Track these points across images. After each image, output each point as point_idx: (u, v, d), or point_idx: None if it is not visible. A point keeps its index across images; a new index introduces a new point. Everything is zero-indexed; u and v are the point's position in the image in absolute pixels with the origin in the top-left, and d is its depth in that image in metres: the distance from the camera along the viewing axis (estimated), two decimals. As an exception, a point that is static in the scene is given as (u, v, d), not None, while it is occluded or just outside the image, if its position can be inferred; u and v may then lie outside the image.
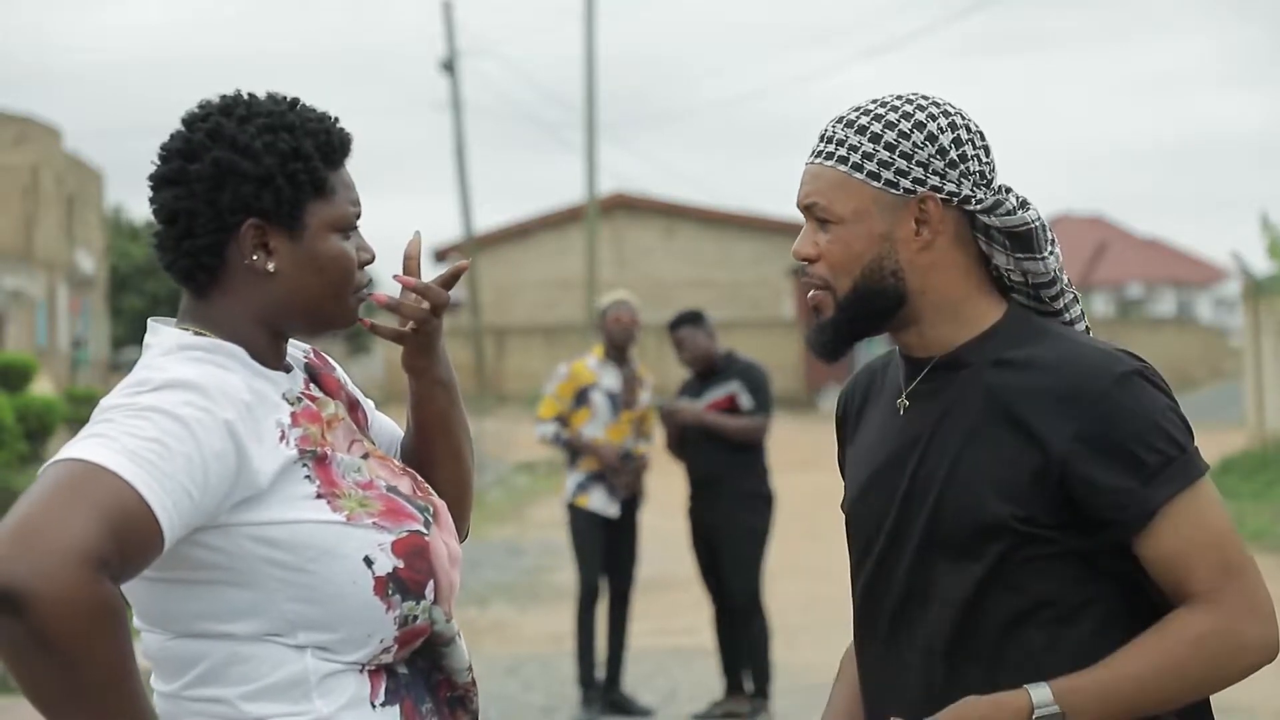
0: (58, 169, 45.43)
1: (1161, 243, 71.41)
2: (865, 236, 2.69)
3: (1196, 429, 2.74)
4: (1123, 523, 2.58)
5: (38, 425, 21.48)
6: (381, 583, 2.42)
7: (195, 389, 2.35)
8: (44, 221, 44.06)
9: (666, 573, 14.42)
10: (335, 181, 2.53)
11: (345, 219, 2.53)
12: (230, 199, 2.47)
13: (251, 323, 2.51)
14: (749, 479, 9.62)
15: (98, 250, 49.39)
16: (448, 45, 38.82)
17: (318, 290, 2.52)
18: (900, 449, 2.73)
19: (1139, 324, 50.44)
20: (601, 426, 9.86)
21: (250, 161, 2.47)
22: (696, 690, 10.34)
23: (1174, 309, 66.33)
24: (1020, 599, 2.63)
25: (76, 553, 2.15)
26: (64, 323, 45.28)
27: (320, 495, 2.43)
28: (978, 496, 2.62)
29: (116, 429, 2.28)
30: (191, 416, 2.32)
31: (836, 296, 2.71)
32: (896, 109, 2.72)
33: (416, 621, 2.46)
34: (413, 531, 2.47)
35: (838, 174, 2.70)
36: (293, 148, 2.48)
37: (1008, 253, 2.73)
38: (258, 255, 2.49)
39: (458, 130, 39.16)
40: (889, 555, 2.72)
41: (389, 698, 2.47)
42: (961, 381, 2.69)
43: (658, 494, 10.73)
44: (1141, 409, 2.59)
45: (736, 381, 9.65)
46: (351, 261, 2.54)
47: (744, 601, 9.58)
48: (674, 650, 11.77)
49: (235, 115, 2.50)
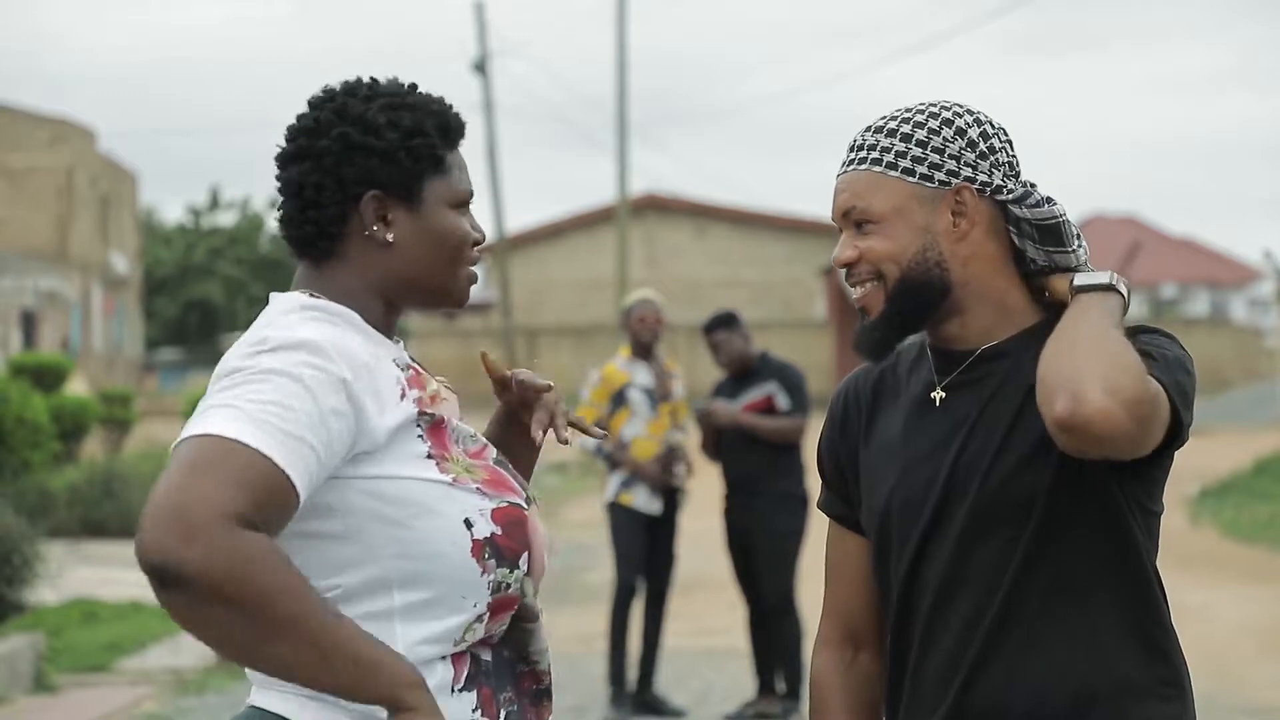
0: (92, 170, 45.58)
1: (1195, 243, 71.18)
2: (907, 230, 2.77)
3: (1231, 430, 2.78)
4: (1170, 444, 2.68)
5: (72, 425, 21.57)
6: (479, 546, 2.50)
7: (311, 348, 2.44)
8: (78, 223, 44.21)
9: (701, 574, 14.41)
10: (452, 160, 2.64)
11: (462, 195, 2.64)
12: (355, 172, 2.59)
13: (368, 292, 2.61)
14: (785, 480, 9.61)
15: (131, 251, 49.54)
16: (479, 46, 38.84)
17: (432, 262, 2.62)
18: (941, 438, 2.79)
19: (1172, 324, 50.28)
20: (643, 423, 9.88)
21: (374, 137, 2.59)
22: (729, 691, 10.34)
23: (1207, 309, 66.10)
24: (1057, 577, 2.73)
25: (221, 516, 2.25)
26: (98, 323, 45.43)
27: (430, 456, 2.51)
28: (1023, 477, 2.72)
29: (238, 396, 2.36)
30: (309, 375, 2.40)
31: (887, 287, 2.78)
32: (922, 111, 2.82)
33: (509, 590, 2.53)
34: (513, 503, 2.56)
35: (872, 175, 2.78)
36: (415, 125, 2.60)
37: (1038, 245, 2.81)
38: (377, 226, 2.60)
39: (489, 131, 39.19)
40: (932, 541, 2.78)
41: (468, 683, 2.52)
42: (1004, 370, 2.77)
43: (693, 495, 10.73)
44: (1175, 354, 2.71)
45: (773, 382, 9.66)
46: (467, 235, 2.64)
47: (777, 602, 9.57)
48: (707, 651, 11.77)
49: (360, 95, 2.62)
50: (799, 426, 9.58)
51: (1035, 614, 2.73)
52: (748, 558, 9.72)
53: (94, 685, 10.62)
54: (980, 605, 2.74)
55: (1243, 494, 20.61)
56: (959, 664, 2.76)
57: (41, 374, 23.12)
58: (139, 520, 2.29)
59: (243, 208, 60.33)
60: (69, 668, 10.84)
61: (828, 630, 2.96)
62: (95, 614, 12.67)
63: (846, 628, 2.94)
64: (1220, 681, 9.86)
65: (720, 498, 9.91)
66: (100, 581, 14.47)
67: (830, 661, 2.94)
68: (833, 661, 2.94)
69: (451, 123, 2.65)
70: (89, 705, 10.04)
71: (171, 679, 10.68)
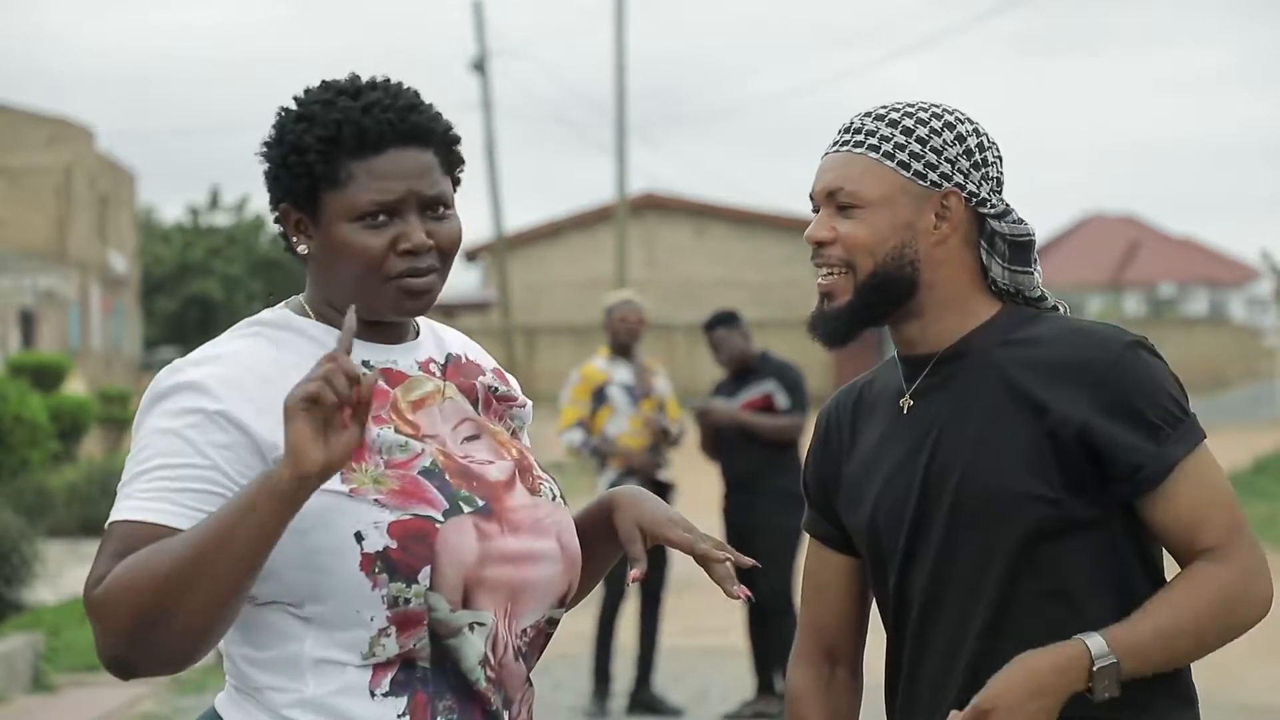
0: (90, 170, 45.57)
1: (1194, 242, 71.17)
2: (890, 222, 2.76)
3: (1230, 429, 2.80)
4: (1139, 480, 2.67)
5: (70, 424, 21.57)
6: (369, 559, 2.45)
7: (189, 389, 2.49)
8: (77, 222, 44.20)
9: (699, 572, 14.35)
10: (356, 169, 2.54)
11: (357, 207, 2.54)
12: (270, 184, 2.61)
13: (324, 303, 2.61)
14: (784, 478, 9.62)
15: (130, 251, 49.53)
16: (478, 45, 38.86)
17: (341, 277, 2.57)
18: (911, 445, 2.78)
19: (1171, 323, 50.28)
20: (624, 420, 9.88)
21: (269, 150, 2.59)
22: (728, 690, 10.34)
23: (1206, 309, 66.09)
24: (1045, 579, 2.71)
25: (86, 593, 2.42)
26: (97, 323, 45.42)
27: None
28: (1000, 475, 2.71)
29: (130, 472, 2.49)
30: (183, 424, 2.47)
31: (856, 278, 2.77)
32: (925, 110, 2.81)
33: (409, 605, 2.46)
34: (420, 516, 2.47)
35: (868, 160, 2.77)
36: (296, 141, 2.56)
37: (1005, 264, 2.82)
38: (297, 238, 2.60)
39: (488, 130, 39.20)
40: (916, 550, 2.77)
41: (395, 689, 2.47)
42: (969, 368, 2.77)
43: (691, 494, 10.73)
44: (1151, 375, 2.70)
45: (772, 381, 9.67)
46: (365, 251, 2.53)
47: (775, 601, 9.57)
48: (705, 650, 11.76)
49: (292, 101, 2.61)
50: (798, 425, 9.58)
51: (1027, 620, 2.70)
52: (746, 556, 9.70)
53: (92, 685, 10.61)
54: (969, 611, 2.72)
55: (1242, 492, 20.62)
56: (952, 670, 2.74)
57: (40, 373, 23.11)
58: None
59: (239, 209, 60.31)
60: (67, 667, 10.84)
61: (804, 645, 2.95)
62: (94, 613, 12.65)
63: (823, 644, 2.93)
64: (1217, 681, 9.85)
65: (719, 496, 9.91)
66: (99, 581, 14.46)
67: (807, 677, 2.93)
68: (810, 677, 2.93)
69: (365, 127, 2.53)
70: (87, 705, 10.04)
71: (169, 679, 10.68)
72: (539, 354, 44.00)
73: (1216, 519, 2.69)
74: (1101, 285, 64.11)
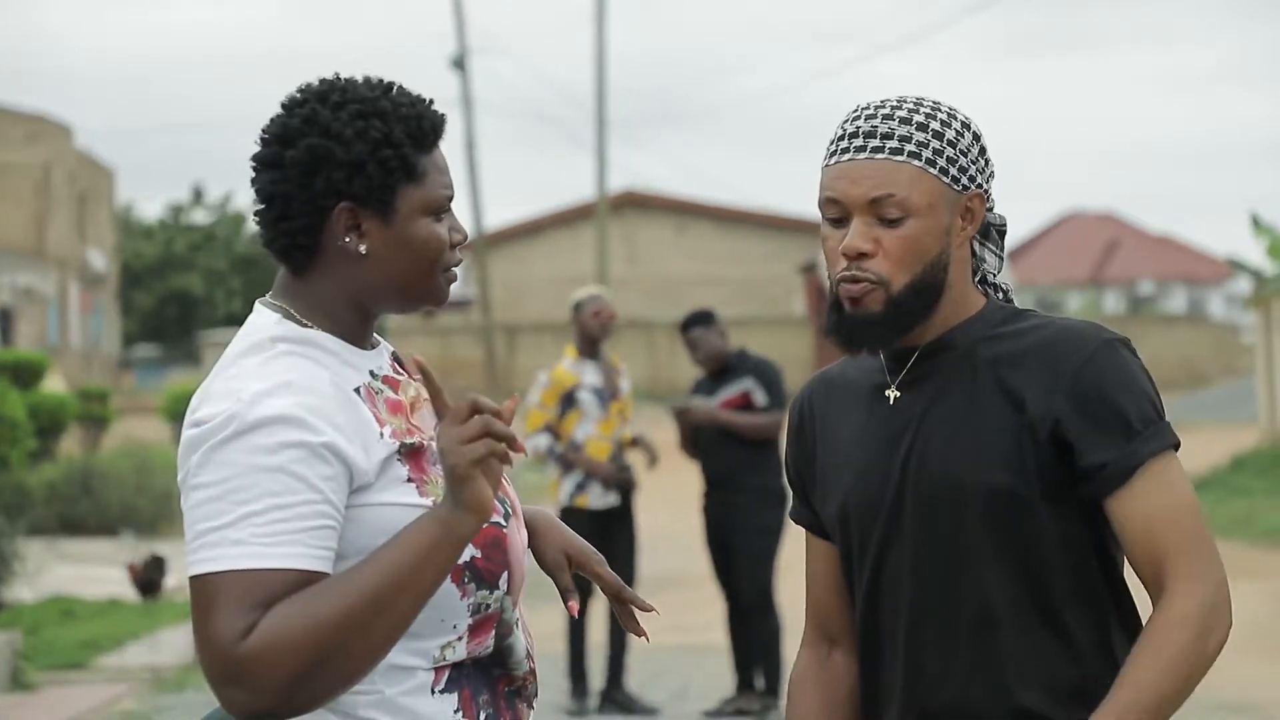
0: (69, 167, 45.47)
1: (1173, 240, 71.34)
2: (935, 231, 2.74)
3: (1209, 426, 2.79)
4: (1105, 478, 2.66)
5: (49, 422, 21.51)
6: (459, 570, 2.49)
7: (286, 423, 2.42)
8: (55, 219, 44.09)
9: (679, 570, 14.42)
10: (427, 165, 2.58)
11: (437, 202, 2.58)
12: (324, 184, 2.53)
13: (344, 303, 2.58)
14: (763, 476, 9.63)
15: (109, 248, 49.42)
16: (458, 42, 38.82)
17: (409, 271, 2.57)
18: (891, 436, 2.78)
19: (1151, 321, 50.38)
20: (594, 423, 9.88)
21: (343, 148, 2.52)
22: (708, 688, 10.34)
23: (1185, 306, 66.24)
24: (1018, 578, 2.71)
25: (235, 647, 2.36)
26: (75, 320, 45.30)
27: (410, 479, 2.50)
28: (976, 468, 2.70)
29: (227, 514, 2.40)
30: (289, 460, 2.41)
31: (890, 292, 2.73)
32: (939, 109, 2.79)
33: (488, 610, 2.54)
34: (493, 523, 2.53)
35: (912, 169, 2.73)
36: (384, 134, 2.54)
37: (996, 252, 2.85)
38: (350, 238, 2.55)
39: (468, 127, 39.17)
40: (890, 542, 2.78)
41: (449, 685, 2.53)
42: (951, 361, 2.77)
43: (671, 492, 10.73)
44: (1128, 372, 2.70)
45: (750, 378, 9.67)
46: (442, 243, 2.59)
47: (755, 599, 9.58)
48: (686, 648, 11.76)
49: (330, 101, 2.56)
50: (776, 422, 9.59)
51: (1001, 619, 2.70)
52: (727, 554, 9.72)
53: (72, 683, 10.60)
54: (945, 607, 2.73)
55: (1221, 490, 20.66)
56: (923, 667, 2.75)
57: (19, 371, 23.05)
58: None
59: (222, 206, 60.22)
60: (47, 665, 10.82)
61: (808, 631, 2.99)
62: (73, 611, 12.64)
63: (821, 628, 2.96)
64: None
65: (699, 495, 9.91)
66: (78, 579, 14.44)
67: (806, 659, 2.97)
68: (809, 658, 2.97)
69: (426, 125, 2.57)
70: (67, 703, 10.02)
71: (149, 676, 10.66)
72: (519, 352, 43.97)
73: (1178, 526, 2.66)
74: (1081, 282, 64.23)
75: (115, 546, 16.33)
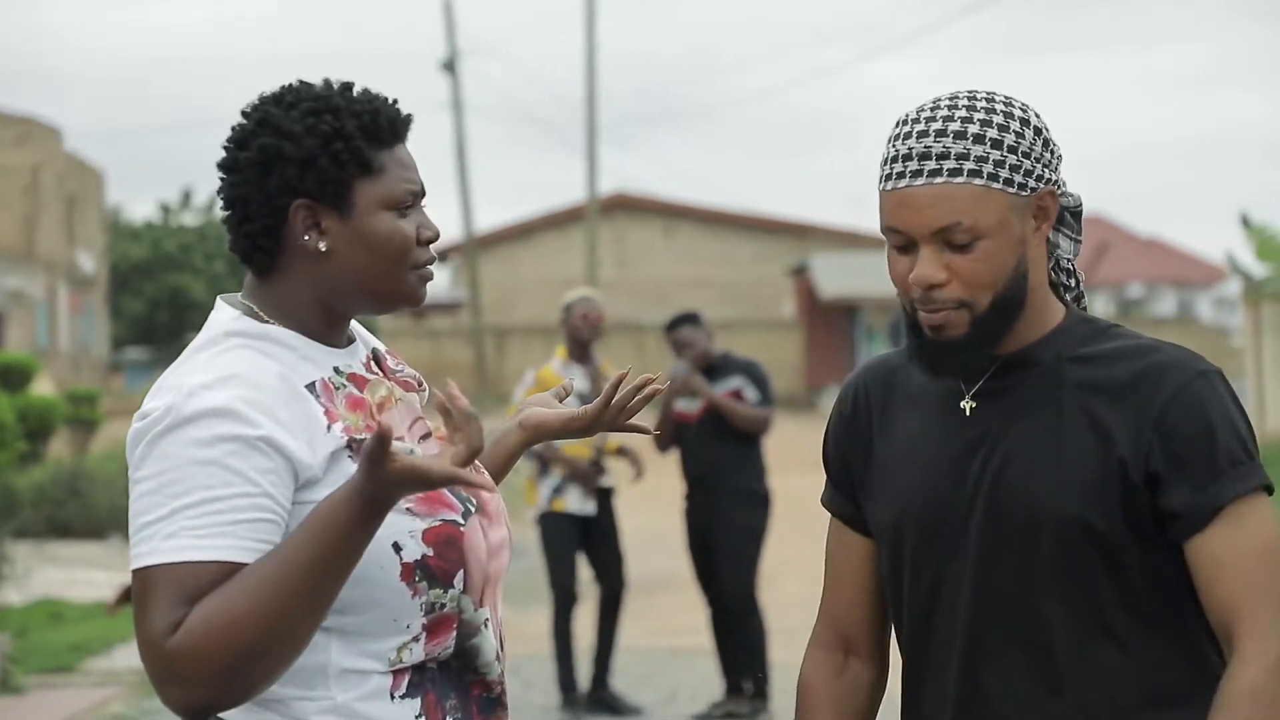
0: (58, 169, 45.40)
1: (1162, 242, 71.42)
2: (1009, 244, 2.60)
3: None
4: (1184, 520, 2.55)
5: (38, 425, 21.49)
6: (409, 569, 2.47)
7: (223, 416, 2.41)
8: (44, 221, 44.04)
9: (666, 573, 14.42)
10: (385, 159, 2.56)
11: (397, 197, 2.56)
12: (278, 182, 2.53)
13: (310, 303, 2.56)
14: (746, 477, 9.63)
15: (98, 250, 49.35)
16: (448, 45, 38.83)
17: (371, 267, 2.55)
18: (966, 448, 2.64)
19: (1140, 323, 50.43)
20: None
21: (293, 145, 2.52)
22: (697, 691, 10.33)
23: (1175, 309, 66.33)
24: (1088, 607, 2.58)
25: (166, 640, 2.34)
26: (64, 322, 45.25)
27: None
28: (1059, 497, 2.57)
29: (161, 507, 2.39)
30: (223, 453, 2.39)
31: (975, 313, 2.60)
32: (993, 109, 2.63)
33: (444, 609, 2.50)
34: (446, 521, 2.51)
35: (974, 189, 2.57)
36: (335, 129, 2.53)
37: (1072, 236, 2.73)
38: (310, 235, 2.54)
39: (458, 130, 39.18)
40: (953, 556, 2.64)
41: (410, 690, 2.50)
42: (1036, 379, 2.63)
43: (654, 493, 10.71)
44: (1222, 408, 2.58)
45: (740, 376, 9.69)
46: (407, 238, 2.56)
47: (739, 602, 9.57)
48: (674, 651, 11.76)
49: (284, 103, 2.56)
50: (768, 416, 9.62)
51: (1064, 647, 2.58)
52: (709, 556, 9.71)
53: (60, 686, 10.58)
54: (1007, 630, 2.60)
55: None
56: (980, 688, 2.62)
57: (7, 374, 23.02)
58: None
59: (211, 208, 60.17)
60: (35, 668, 10.81)
61: (821, 631, 2.82)
62: (61, 614, 12.63)
63: (840, 632, 2.81)
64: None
65: (680, 497, 9.91)
66: (66, 582, 14.42)
67: (820, 665, 2.81)
68: (822, 665, 2.81)
69: (383, 121, 2.56)
70: (55, 706, 10.00)
71: (138, 679, 10.64)
72: (509, 354, 43.96)
73: (1255, 578, 2.52)
74: (1070, 286, 64.06)
75: (104, 549, 16.32)
